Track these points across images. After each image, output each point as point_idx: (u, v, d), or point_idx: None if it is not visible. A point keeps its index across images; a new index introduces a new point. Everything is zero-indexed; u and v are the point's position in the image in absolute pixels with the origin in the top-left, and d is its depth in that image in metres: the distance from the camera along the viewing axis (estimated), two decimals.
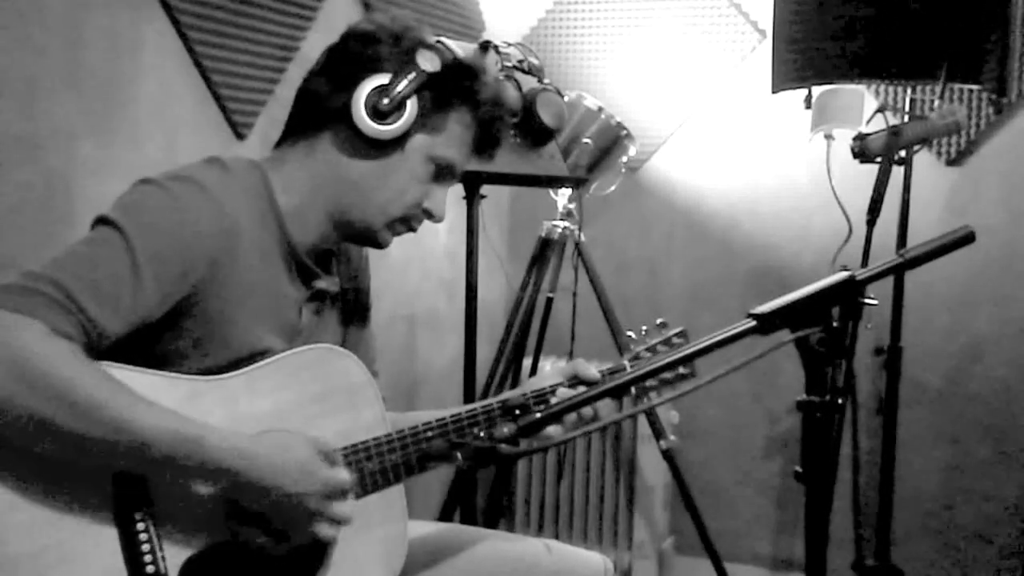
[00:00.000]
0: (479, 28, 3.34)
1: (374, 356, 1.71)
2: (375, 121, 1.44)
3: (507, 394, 1.64)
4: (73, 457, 1.27)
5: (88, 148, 2.06)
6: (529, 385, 1.64)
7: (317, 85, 1.50)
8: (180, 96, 2.28)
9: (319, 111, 1.49)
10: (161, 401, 1.32)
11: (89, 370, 1.25)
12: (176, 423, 1.28)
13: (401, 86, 1.44)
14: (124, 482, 1.32)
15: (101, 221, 1.34)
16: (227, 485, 1.33)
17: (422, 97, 1.46)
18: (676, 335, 1.71)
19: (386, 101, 1.44)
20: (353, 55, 1.48)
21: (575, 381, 1.62)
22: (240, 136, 2.41)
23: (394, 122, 1.45)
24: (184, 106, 2.29)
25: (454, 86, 1.49)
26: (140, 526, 1.32)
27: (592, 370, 1.62)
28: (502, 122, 1.56)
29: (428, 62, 1.46)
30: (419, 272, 3.18)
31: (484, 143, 1.56)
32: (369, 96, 1.44)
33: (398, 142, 1.47)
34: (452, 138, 1.51)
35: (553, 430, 1.49)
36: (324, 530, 1.39)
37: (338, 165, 1.49)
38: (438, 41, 1.49)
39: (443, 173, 1.53)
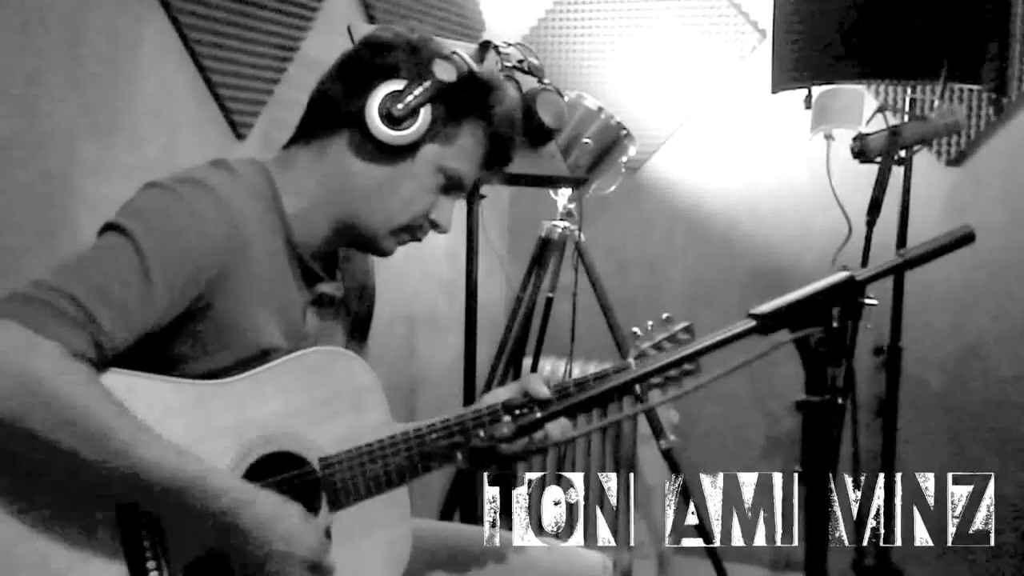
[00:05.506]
0: (479, 28, 3.34)
1: None
2: (388, 126, 1.44)
3: (460, 411, 1.59)
4: (74, 476, 1.27)
5: (88, 148, 2.06)
6: (483, 401, 1.61)
7: (331, 88, 1.50)
8: (180, 96, 2.28)
9: (332, 114, 1.48)
10: (167, 406, 1.32)
11: (101, 396, 1.25)
12: (177, 461, 1.27)
13: (416, 93, 1.44)
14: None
15: (109, 227, 1.34)
16: (221, 530, 1.31)
17: (436, 107, 1.46)
18: (682, 331, 1.69)
19: (400, 107, 1.43)
20: (369, 61, 1.48)
21: (527, 399, 1.59)
22: (240, 136, 2.41)
23: (407, 128, 1.44)
24: (184, 106, 2.29)
25: (469, 99, 1.48)
26: (146, 544, 1.32)
27: (544, 388, 1.58)
28: (513, 141, 1.55)
29: (444, 72, 1.45)
30: (419, 272, 3.18)
31: (494, 159, 1.55)
32: (384, 101, 1.43)
33: (409, 150, 1.47)
34: (463, 151, 1.50)
35: (506, 447, 1.47)
36: None
37: (348, 169, 1.48)
38: (454, 53, 1.48)
39: (452, 185, 1.52)
